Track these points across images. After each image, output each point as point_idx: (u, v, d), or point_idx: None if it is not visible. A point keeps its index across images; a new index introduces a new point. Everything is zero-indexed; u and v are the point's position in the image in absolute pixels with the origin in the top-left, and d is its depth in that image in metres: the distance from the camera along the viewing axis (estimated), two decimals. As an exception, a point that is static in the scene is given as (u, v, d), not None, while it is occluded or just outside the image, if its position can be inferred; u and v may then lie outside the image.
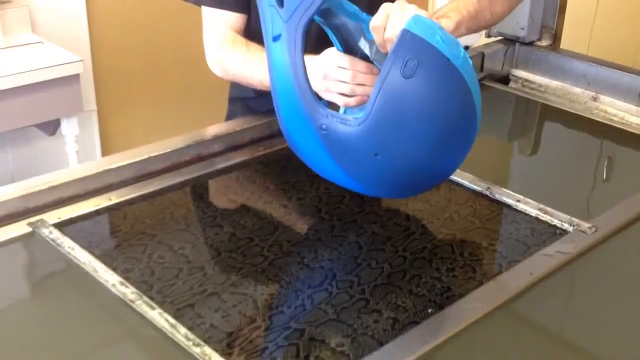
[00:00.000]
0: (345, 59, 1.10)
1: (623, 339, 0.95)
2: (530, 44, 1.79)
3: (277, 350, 0.87)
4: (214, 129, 1.33)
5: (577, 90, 1.69)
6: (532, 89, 1.75)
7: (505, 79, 1.78)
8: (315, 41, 1.04)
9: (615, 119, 1.60)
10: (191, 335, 0.85)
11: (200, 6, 1.38)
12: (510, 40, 1.80)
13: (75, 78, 2.31)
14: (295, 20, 1.00)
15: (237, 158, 1.30)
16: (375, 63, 1.11)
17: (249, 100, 1.46)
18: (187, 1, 1.39)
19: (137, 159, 1.21)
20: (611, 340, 0.95)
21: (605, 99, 1.64)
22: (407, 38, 0.96)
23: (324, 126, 1.01)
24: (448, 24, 1.16)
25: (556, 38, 1.81)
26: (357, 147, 1.00)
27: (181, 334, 0.86)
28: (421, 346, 0.85)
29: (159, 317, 0.88)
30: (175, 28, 2.80)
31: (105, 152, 2.83)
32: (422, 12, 1.03)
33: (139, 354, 0.90)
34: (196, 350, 0.84)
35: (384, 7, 1.05)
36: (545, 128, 1.68)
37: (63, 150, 2.46)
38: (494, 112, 1.69)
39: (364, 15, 1.07)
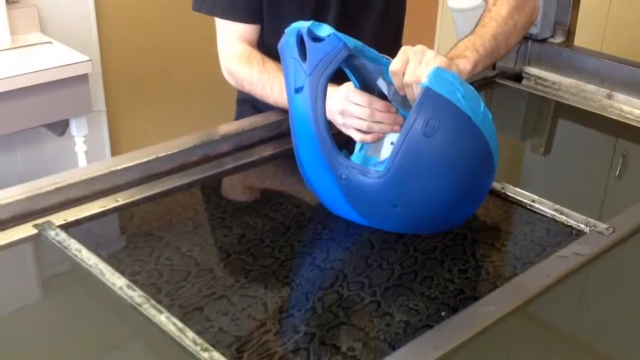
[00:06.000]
0: (363, 97, 1.12)
1: (642, 343, 0.92)
2: (544, 40, 1.77)
3: (287, 354, 0.85)
4: (221, 129, 1.31)
5: (591, 87, 1.66)
6: (546, 86, 1.72)
7: (518, 77, 1.76)
8: None
9: (630, 116, 1.57)
10: (199, 340, 0.84)
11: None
12: (522, 37, 1.77)
13: (84, 78, 2.30)
14: (317, 73, 1.03)
15: (246, 158, 1.29)
16: (393, 103, 1.13)
17: (257, 103, 1.44)
18: (199, 12, 1.39)
19: (144, 160, 1.19)
20: (629, 343, 0.93)
21: (620, 96, 1.61)
22: (429, 96, 0.98)
23: (343, 176, 1.04)
24: (466, 65, 1.14)
25: (570, 35, 1.78)
26: (376, 198, 1.03)
27: (189, 338, 0.84)
28: (435, 351, 0.83)
29: (167, 321, 0.87)
30: (184, 28, 2.79)
31: (114, 152, 2.82)
32: (441, 60, 1.04)
33: (145, 359, 0.89)
34: (204, 355, 0.82)
35: (404, 51, 1.06)
36: (559, 126, 1.66)
37: (72, 151, 2.45)
38: (507, 111, 1.67)
39: (383, 59, 1.08)
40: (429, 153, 0.99)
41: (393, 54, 1.08)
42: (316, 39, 1.02)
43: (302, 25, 1.03)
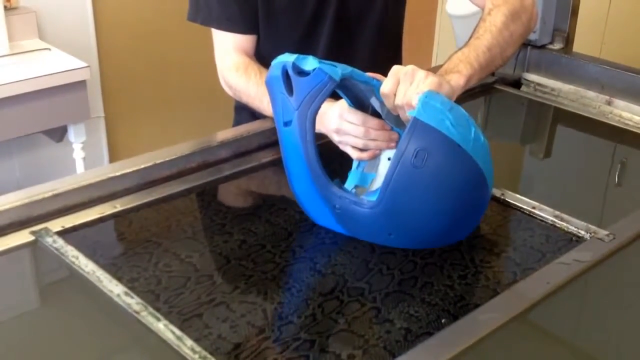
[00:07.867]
0: (357, 116, 1.13)
1: (644, 350, 0.92)
2: (542, 47, 1.76)
3: (286, 362, 0.85)
4: (220, 135, 1.31)
5: (591, 94, 1.66)
6: (545, 92, 1.72)
7: (517, 83, 1.76)
8: None
9: (630, 123, 1.57)
10: (197, 348, 0.83)
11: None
12: (520, 46, 1.77)
13: (82, 84, 2.30)
14: (305, 108, 1.02)
15: (245, 164, 1.28)
16: (387, 121, 1.13)
17: (255, 110, 1.44)
18: (194, 22, 1.39)
19: (142, 166, 1.19)
20: (630, 350, 0.92)
21: (619, 102, 1.61)
22: (418, 126, 0.98)
23: (337, 206, 1.04)
24: (459, 81, 1.13)
25: (568, 41, 1.78)
26: (371, 227, 1.04)
27: (187, 346, 0.83)
28: (435, 359, 0.83)
29: (165, 328, 0.86)
30: (182, 35, 2.79)
31: (112, 158, 2.82)
32: (431, 81, 1.03)
33: (144, 366, 0.88)
34: (203, 362, 0.81)
35: (394, 72, 1.05)
36: (559, 132, 1.65)
37: (70, 157, 2.45)
38: (506, 117, 1.66)
39: (374, 81, 1.08)
40: (420, 183, 0.99)
41: (392, 63, 1.07)
42: (302, 72, 1.02)
43: (287, 59, 1.02)
